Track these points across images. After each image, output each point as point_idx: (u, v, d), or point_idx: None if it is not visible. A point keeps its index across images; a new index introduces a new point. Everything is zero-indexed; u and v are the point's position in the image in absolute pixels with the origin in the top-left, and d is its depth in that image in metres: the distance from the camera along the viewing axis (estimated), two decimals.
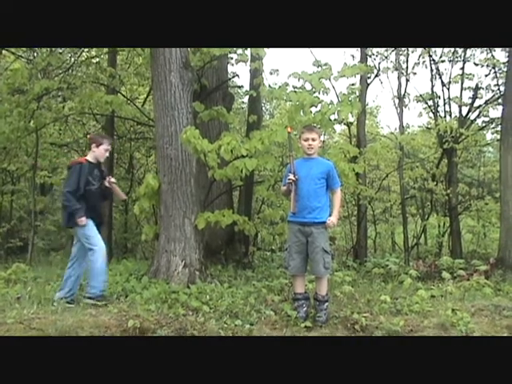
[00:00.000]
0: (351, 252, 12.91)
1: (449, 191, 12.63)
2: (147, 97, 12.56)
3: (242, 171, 6.41)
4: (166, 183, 6.86)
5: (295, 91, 7.02)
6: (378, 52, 13.53)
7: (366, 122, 15.52)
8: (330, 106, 6.52)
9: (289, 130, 5.42)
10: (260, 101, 11.70)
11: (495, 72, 12.93)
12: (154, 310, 5.30)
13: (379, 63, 13.62)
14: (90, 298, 5.53)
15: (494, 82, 13.10)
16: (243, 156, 6.44)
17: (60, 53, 10.88)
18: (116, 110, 9.88)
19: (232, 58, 9.54)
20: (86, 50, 11.52)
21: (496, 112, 13.48)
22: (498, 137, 12.63)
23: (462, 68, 13.19)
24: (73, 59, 11.27)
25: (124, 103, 9.25)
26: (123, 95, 11.41)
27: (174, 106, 6.92)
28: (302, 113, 6.60)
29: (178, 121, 6.91)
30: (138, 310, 5.24)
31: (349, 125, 13.88)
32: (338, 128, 17.71)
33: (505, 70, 11.68)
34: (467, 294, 6.49)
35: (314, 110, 6.77)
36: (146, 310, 5.26)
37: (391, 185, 16.68)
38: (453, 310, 5.44)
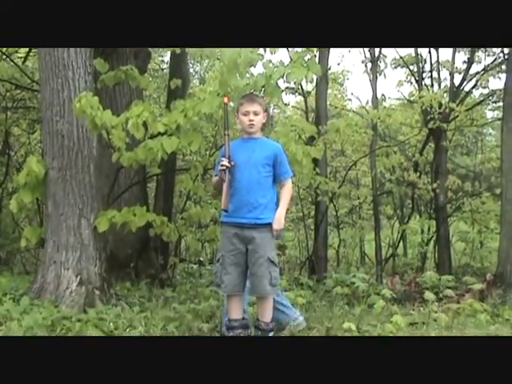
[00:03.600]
0: (306, 265, 13.03)
1: (435, 185, 12.88)
2: (30, 51, 12.35)
3: (158, 154, 6.39)
4: (56, 170, 6.77)
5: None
6: None
7: (329, 91, 15.67)
8: (278, 67, 6.52)
9: (225, 100, 5.42)
10: (186, 60, 11.67)
11: None
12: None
13: None
14: None
15: None
16: (161, 134, 6.41)
17: None
18: None
19: None
20: None
21: (498, 82, 13.83)
22: (501, 115, 12.96)
23: None
24: None
25: None
26: None
27: (67, 64, 6.82)
28: (237, 75, 6.58)
29: (72, 84, 6.81)
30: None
31: (305, 95, 14.00)
32: (292, 100, 17.83)
33: None
34: (456, 320, 6.65)
35: (256, 72, 6.79)
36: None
37: (360, 176, 16.90)
38: None
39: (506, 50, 12.10)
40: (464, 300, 7.36)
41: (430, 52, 13.60)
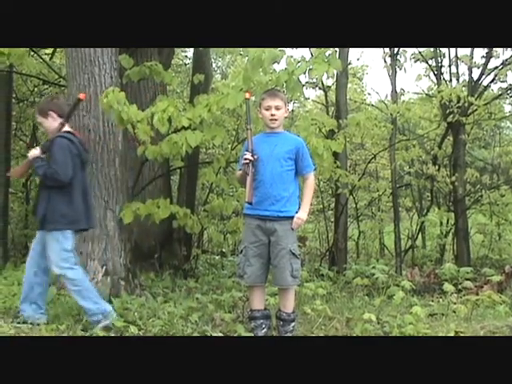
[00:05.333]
0: (326, 256, 13.02)
1: (454, 178, 12.81)
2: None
3: (182, 148, 6.41)
4: None
5: None
6: None
7: (349, 85, 15.63)
8: (300, 63, 6.51)
9: (247, 95, 5.44)
10: (209, 55, 11.69)
11: None
12: (63, 330, 5.28)
13: None
14: None
15: None
16: (184, 128, 6.42)
17: None
18: (15, 63, 9.72)
19: None
20: None
21: None
22: None
23: None
24: None
25: (26, 55, 9.11)
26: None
27: (93, 60, 6.85)
28: (261, 71, 6.58)
29: (98, 80, 6.84)
30: (43, 331, 5.21)
31: (325, 89, 13.97)
32: (313, 94, 17.82)
33: None
34: (475, 312, 6.64)
35: (278, 68, 6.78)
36: (52, 330, 5.23)
37: (380, 169, 16.85)
38: (456, 332, 5.56)
39: None
40: (483, 291, 7.34)
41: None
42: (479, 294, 7.13)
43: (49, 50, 12.64)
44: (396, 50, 12.58)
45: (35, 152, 5.56)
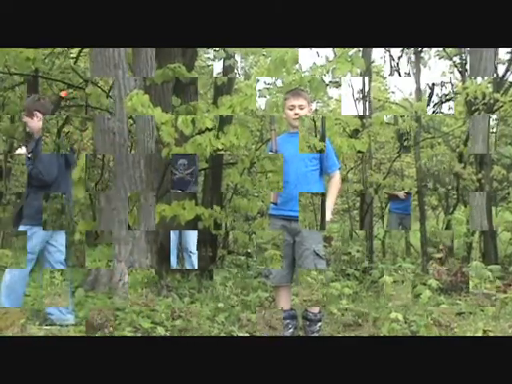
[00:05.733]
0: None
1: (480, 176, 12.72)
2: (81, 51, 12.47)
3: (206, 149, 6.42)
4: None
5: None
6: None
7: (372, 84, 15.57)
8: (324, 63, 6.53)
9: None
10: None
11: None
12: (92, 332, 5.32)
13: None
14: None
15: None
16: (208, 129, 6.44)
17: None
18: (40, 68, 9.81)
19: None
20: None
21: None
22: None
23: None
24: None
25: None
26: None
27: (117, 63, 6.90)
28: (284, 72, 6.59)
29: (122, 82, 6.89)
30: (72, 332, 5.25)
31: None
32: (336, 93, 17.78)
33: None
34: (504, 310, 6.59)
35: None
36: (80, 332, 5.27)
37: (405, 168, 16.76)
38: (484, 331, 5.53)
39: None
40: (511, 290, 7.28)
41: None
42: (507, 293, 7.08)
43: (73, 54, 12.71)
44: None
45: (21, 151, 5.64)
